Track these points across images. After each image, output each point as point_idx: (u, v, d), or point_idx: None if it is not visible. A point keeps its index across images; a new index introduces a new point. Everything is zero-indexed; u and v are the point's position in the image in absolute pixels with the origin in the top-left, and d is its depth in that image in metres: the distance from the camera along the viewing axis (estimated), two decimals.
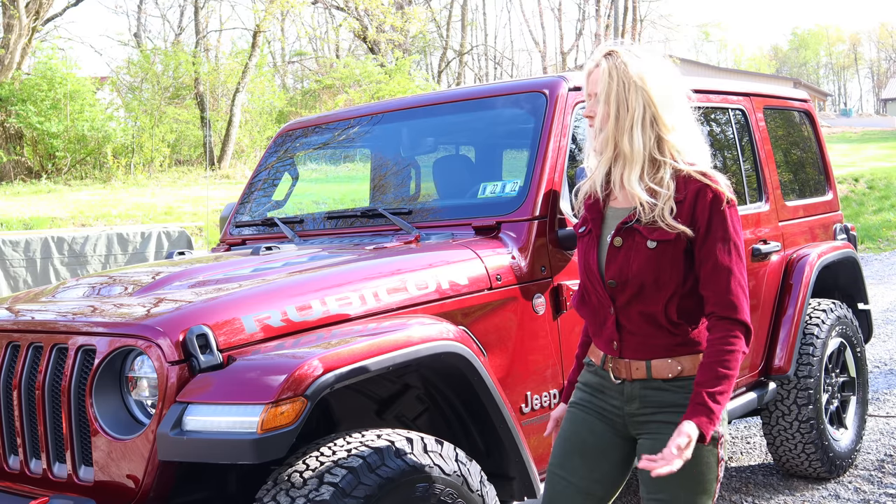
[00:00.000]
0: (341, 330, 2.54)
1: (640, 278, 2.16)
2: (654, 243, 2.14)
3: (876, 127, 41.11)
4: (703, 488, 2.17)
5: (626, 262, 2.18)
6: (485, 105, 3.66)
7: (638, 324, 2.20)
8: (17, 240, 8.75)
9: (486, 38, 45.86)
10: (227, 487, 2.67)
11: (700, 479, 2.16)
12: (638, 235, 2.17)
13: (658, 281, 2.15)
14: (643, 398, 2.21)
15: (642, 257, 2.16)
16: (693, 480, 2.15)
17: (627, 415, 2.24)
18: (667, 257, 2.14)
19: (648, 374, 2.19)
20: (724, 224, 2.14)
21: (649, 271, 2.15)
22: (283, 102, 27.01)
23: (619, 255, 2.20)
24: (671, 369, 2.18)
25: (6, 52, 19.70)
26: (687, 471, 2.09)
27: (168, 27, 39.31)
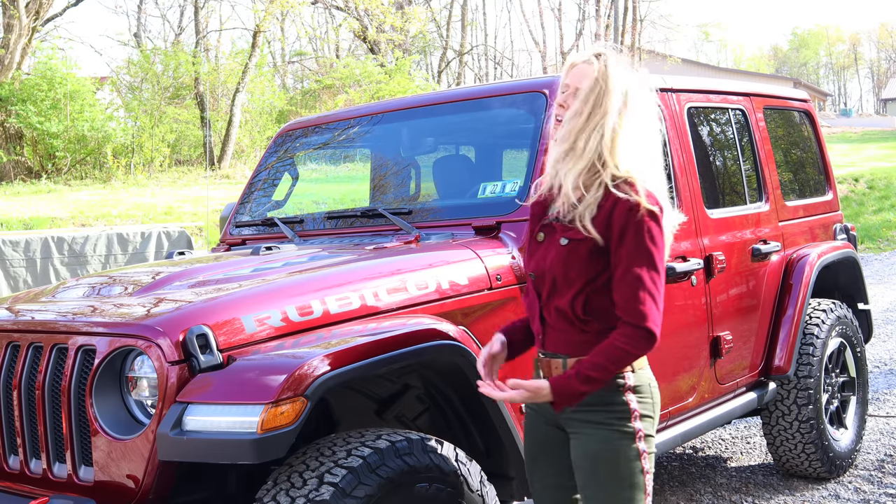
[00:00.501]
0: (341, 330, 2.54)
1: (552, 273, 2.26)
2: (565, 240, 2.25)
3: (876, 127, 41.10)
4: (628, 483, 2.25)
5: (543, 256, 2.30)
6: (485, 105, 3.66)
7: (555, 318, 2.30)
8: (17, 240, 8.75)
9: (486, 38, 45.87)
10: (227, 487, 2.67)
11: (619, 473, 2.25)
12: (556, 234, 2.28)
13: (567, 276, 2.24)
14: None
15: (554, 253, 2.27)
16: (615, 476, 2.25)
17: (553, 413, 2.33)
18: (576, 255, 2.23)
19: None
20: (639, 233, 2.18)
21: (559, 266, 2.25)
22: (283, 102, 27.00)
23: (540, 249, 2.32)
24: None
25: (6, 52, 19.70)
26: (607, 467, 2.24)
27: (168, 27, 39.31)
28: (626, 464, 2.25)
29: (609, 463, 2.25)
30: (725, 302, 3.97)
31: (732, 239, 4.07)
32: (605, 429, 2.26)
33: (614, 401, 2.26)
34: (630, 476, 2.26)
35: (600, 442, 2.26)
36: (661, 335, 3.61)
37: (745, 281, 4.14)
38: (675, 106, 3.93)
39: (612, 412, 2.26)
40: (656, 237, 2.20)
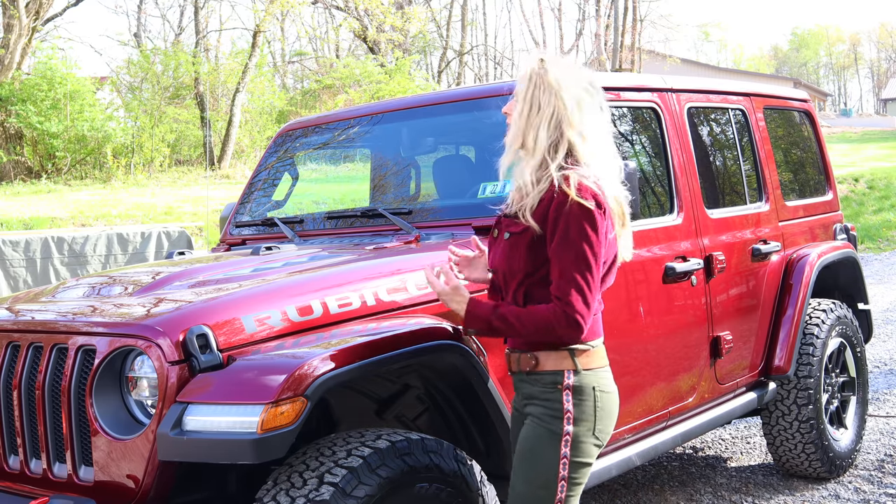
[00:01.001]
0: (341, 330, 2.54)
1: (500, 267, 2.39)
2: (507, 234, 2.38)
3: (876, 127, 41.09)
4: (540, 482, 2.30)
5: (494, 252, 2.44)
6: (485, 105, 3.66)
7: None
8: (17, 240, 8.75)
9: (486, 38, 45.86)
10: (227, 487, 2.67)
11: (534, 470, 2.31)
12: (502, 228, 2.42)
13: (510, 269, 2.36)
14: (520, 389, 2.45)
15: (501, 247, 2.40)
16: (530, 471, 2.32)
17: (517, 406, 2.48)
18: (516, 248, 2.34)
19: (518, 367, 2.41)
20: (568, 227, 2.24)
21: (504, 260, 2.37)
22: (283, 102, 26.98)
23: (494, 246, 2.46)
24: (528, 363, 2.37)
25: (6, 52, 19.69)
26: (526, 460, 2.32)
27: (168, 27, 39.28)
28: (542, 463, 2.30)
29: (528, 457, 2.32)
30: (725, 302, 3.97)
31: (732, 239, 4.07)
32: (536, 423, 2.33)
33: (549, 398, 2.33)
34: (543, 476, 2.30)
35: (527, 435, 2.34)
36: (661, 335, 3.62)
37: (745, 281, 4.14)
38: (675, 106, 3.93)
39: (546, 408, 2.33)
40: (588, 231, 2.24)
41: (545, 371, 2.34)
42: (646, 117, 3.86)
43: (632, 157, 3.82)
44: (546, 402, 2.32)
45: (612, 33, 32.27)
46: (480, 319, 2.35)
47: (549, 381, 2.33)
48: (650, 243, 3.56)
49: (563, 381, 2.32)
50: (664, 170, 3.81)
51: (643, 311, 3.45)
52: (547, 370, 2.34)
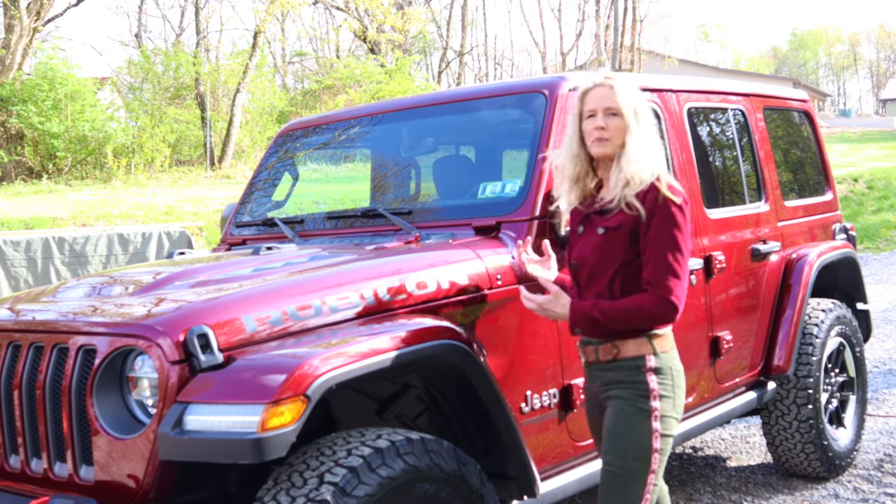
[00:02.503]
0: (341, 330, 2.54)
1: (591, 260, 2.61)
2: (602, 230, 2.61)
3: (875, 127, 41.09)
4: (637, 455, 2.54)
5: (583, 246, 2.66)
6: (485, 105, 3.66)
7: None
8: (17, 240, 8.75)
9: (486, 39, 45.86)
10: (227, 487, 2.67)
11: (629, 444, 2.55)
12: (593, 225, 2.64)
13: (603, 261, 2.59)
14: (600, 378, 2.66)
15: (594, 241, 2.62)
16: (626, 447, 2.55)
17: (596, 391, 2.69)
18: (612, 242, 2.58)
19: (597, 357, 2.64)
20: (663, 219, 2.53)
21: (596, 253, 2.60)
22: (284, 102, 26.99)
23: (580, 241, 2.68)
24: (609, 353, 2.61)
25: (7, 52, 19.69)
26: (620, 438, 2.55)
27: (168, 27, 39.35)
28: (637, 438, 2.54)
29: (622, 434, 2.56)
30: (725, 302, 3.97)
31: (732, 239, 4.08)
32: (625, 403, 2.57)
33: (636, 380, 2.57)
34: (639, 450, 2.54)
35: (619, 414, 2.57)
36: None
37: (744, 281, 4.14)
38: (674, 106, 3.93)
39: (634, 389, 2.57)
40: (680, 223, 2.54)
41: (627, 357, 2.59)
42: None
43: None
44: (632, 384, 2.57)
45: (611, 33, 32.26)
46: (585, 318, 2.57)
47: (631, 365, 2.58)
48: None
49: (645, 364, 2.58)
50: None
51: None
52: (629, 356, 2.59)
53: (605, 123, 2.61)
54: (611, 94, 2.62)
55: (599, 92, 2.64)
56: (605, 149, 2.61)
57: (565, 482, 3.10)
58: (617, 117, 2.60)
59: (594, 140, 2.62)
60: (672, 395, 2.59)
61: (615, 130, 2.60)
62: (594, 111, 2.63)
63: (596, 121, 2.62)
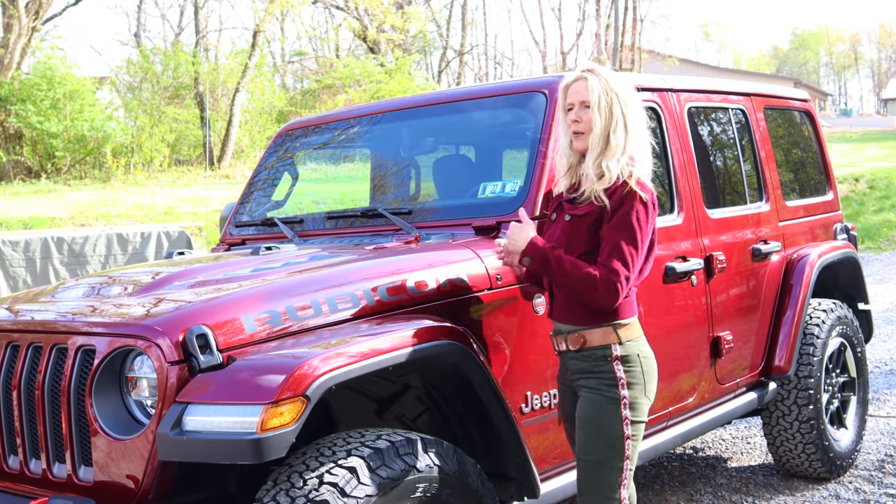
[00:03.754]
0: (341, 330, 2.54)
1: (559, 246, 2.64)
2: (569, 216, 2.68)
3: (876, 127, 41.08)
4: (610, 443, 2.59)
5: (552, 232, 2.74)
6: (485, 105, 3.65)
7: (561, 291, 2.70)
8: (16, 240, 8.74)
9: (486, 38, 45.85)
10: (227, 487, 2.67)
11: (602, 434, 2.60)
12: (563, 211, 2.72)
13: (569, 248, 2.63)
14: (570, 367, 2.72)
15: (561, 228, 2.70)
16: (598, 436, 2.61)
17: (569, 380, 2.75)
18: (577, 229, 2.64)
19: (566, 346, 2.69)
20: (627, 212, 2.58)
21: (564, 239, 2.67)
22: (283, 102, 26.98)
23: (551, 227, 2.77)
24: (577, 342, 2.66)
25: (6, 51, 19.70)
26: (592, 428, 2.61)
27: (168, 27, 39.36)
28: (608, 426, 2.60)
29: (594, 424, 2.62)
30: (726, 302, 3.96)
31: (733, 239, 4.07)
32: (595, 393, 2.63)
33: (603, 369, 2.63)
34: (611, 438, 2.60)
35: (589, 405, 2.63)
36: (662, 335, 3.62)
37: (745, 281, 4.14)
38: (675, 106, 3.93)
39: (602, 379, 2.63)
40: (641, 218, 2.59)
41: (593, 347, 2.64)
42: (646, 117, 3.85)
43: None
44: (600, 373, 2.63)
45: (612, 33, 32.27)
46: (540, 251, 2.60)
47: (599, 355, 2.63)
48: None
49: (611, 353, 2.63)
50: (664, 170, 3.81)
51: (643, 310, 3.44)
52: (595, 346, 2.63)
53: (579, 116, 2.66)
54: (584, 86, 2.66)
55: (577, 85, 2.68)
56: (580, 143, 2.68)
57: (565, 483, 3.09)
58: (590, 110, 2.64)
59: (572, 134, 2.69)
60: (641, 382, 2.64)
61: (588, 123, 2.65)
62: (572, 104, 2.69)
63: (571, 114, 2.68)
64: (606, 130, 2.62)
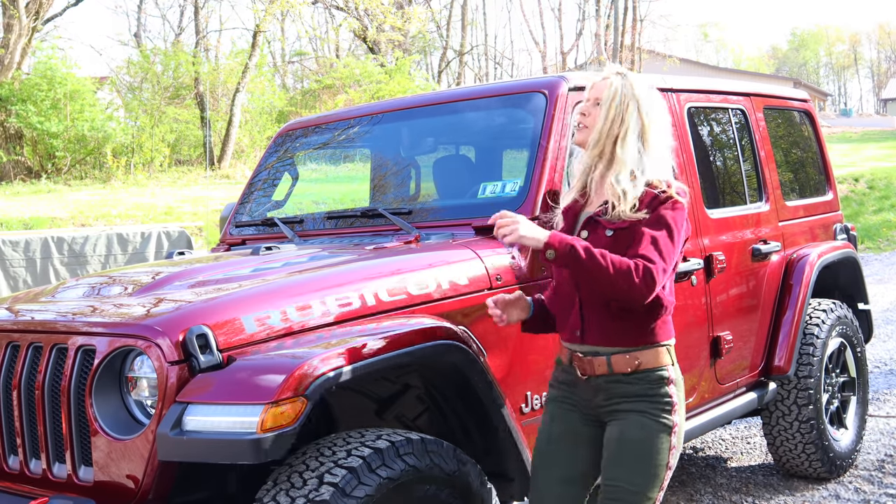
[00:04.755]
0: (341, 330, 2.54)
1: None
2: (611, 231, 2.44)
3: (876, 127, 41.07)
4: (653, 472, 2.40)
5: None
6: (485, 105, 3.65)
7: (597, 310, 2.46)
8: (16, 240, 8.74)
9: (486, 38, 45.82)
10: (227, 487, 2.67)
11: (651, 461, 2.40)
12: (600, 227, 2.47)
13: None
14: (608, 390, 2.47)
15: (601, 245, 2.42)
16: (642, 463, 2.40)
17: (596, 405, 2.50)
18: (621, 244, 2.41)
19: (609, 370, 2.45)
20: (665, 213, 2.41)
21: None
22: (283, 102, 26.97)
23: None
24: (629, 364, 2.44)
25: (6, 51, 19.69)
26: (637, 453, 2.39)
27: (168, 27, 39.36)
28: (655, 455, 2.40)
29: (641, 450, 2.40)
30: (725, 302, 3.96)
31: (732, 239, 4.07)
32: (648, 418, 2.41)
33: (659, 392, 2.43)
34: (655, 467, 2.40)
35: (640, 429, 2.41)
36: None
37: (745, 281, 4.14)
38: (675, 106, 3.93)
39: (657, 403, 2.42)
40: (679, 219, 2.43)
41: (650, 368, 2.44)
42: None
43: None
44: (655, 397, 2.43)
45: (612, 33, 32.26)
46: (567, 242, 2.34)
47: (655, 377, 2.44)
48: None
49: (668, 375, 2.45)
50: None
51: None
52: (652, 367, 2.44)
53: (588, 110, 2.53)
54: (605, 84, 2.52)
55: (600, 83, 2.55)
56: (580, 135, 2.54)
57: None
58: (598, 106, 2.52)
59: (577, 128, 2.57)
60: (683, 408, 2.49)
61: (592, 119, 2.51)
62: (589, 100, 2.56)
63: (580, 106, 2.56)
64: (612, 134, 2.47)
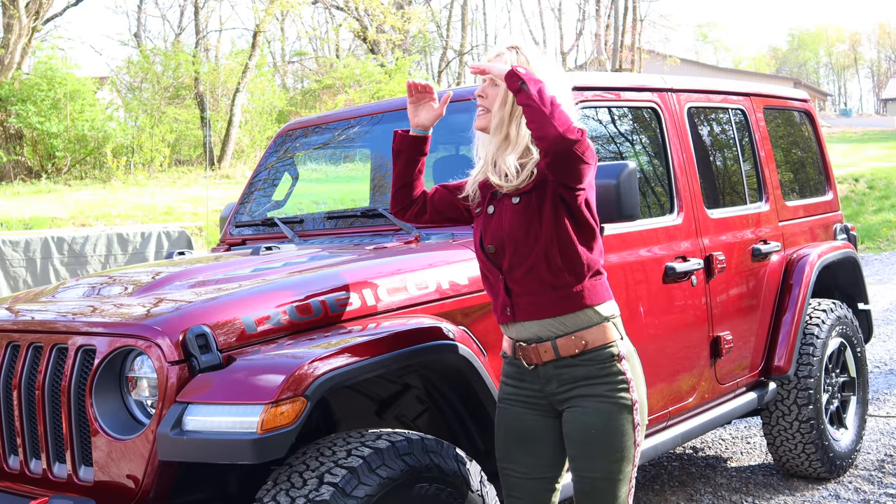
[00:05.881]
0: (341, 330, 2.54)
1: (513, 236, 2.34)
2: (517, 198, 2.35)
3: (876, 127, 41.10)
4: (622, 455, 2.33)
5: (499, 225, 2.38)
6: None
7: (524, 284, 2.36)
8: (17, 240, 8.74)
9: (486, 38, 45.82)
10: (227, 487, 2.67)
11: (617, 445, 2.32)
12: (505, 199, 2.38)
13: (528, 234, 2.32)
14: (558, 377, 2.38)
15: (509, 215, 2.35)
16: (611, 448, 2.32)
17: (549, 394, 2.41)
18: (532, 208, 2.32)
19: (556, 355, 2.36)
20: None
21: (519, 227, 2.33)
22: (283, 102, 26.97)
23: (493, 220, 2.40)
24: (576, 345, 2.34)
25: (6, 51, 19.69)
26: (604, 440, 2.31)
27: (168, 27, 39.38)
28: (621, 438, 2.33)
29: (606, 437, 2.32)
30: (725, 302, 3.96)
31: (732, 239, 4.07)
32: (605, 401, 2.32)
33: (611, 371, 2.34)
34: (623, 450, 2.34)
35: (600, 415, 2.32)
36: (661, 335, 3.62)
37: (745, 281, 4.14)
38: (675, 106, 3.93)
39: (612, 383, 2.33)
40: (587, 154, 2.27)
41: (598, 346, 2.35)
42: (646, 117, 3.85)
43: (632, 157, 3.82)
44: (608, 376, 2.33)
45: (612, 33, 32.27)
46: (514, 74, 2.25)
47: (605, 355, 2.34)
48: (650, 243, 3.56)
49: (618, 351, 2.35)
50: (664, 170, 3.81)
51: (643, 311, 3.45)
52: (600, 345, 2.35)
53: (485, 91, 2.40)
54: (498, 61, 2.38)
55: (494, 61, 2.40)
56: (480, 120, 2.42)
57: (564, 482, 3.09)
58: (496, 87, 2.38)
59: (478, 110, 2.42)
60: (640, 380, 2.39)
61: (492, 100, 2.38)
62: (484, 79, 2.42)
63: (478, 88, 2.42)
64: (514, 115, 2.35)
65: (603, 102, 3.58)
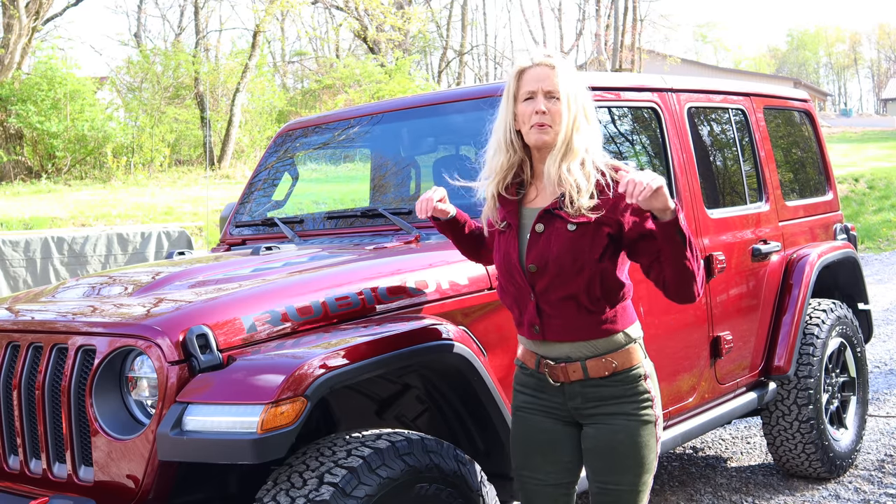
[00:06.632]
0: (341, 330, 2.54)
1: (559, 261, 2.31)
2: (573, 226, 2.31)
3: (876, 127, 41.09)
4: (646, 468, 2.40)
5: (546, 246, 2.34)
6: (485, 104, 3.65)
7: (558, 307, 2.35)
8: (17, 240, 8.74)
9: (486, 38, 45.84)
10: (227, 487, 2.67)
11: (643, 459, 2.39)
12: (559, 221, 2.34)
13: (576, 261, 2.30)
14: (584, 395, 2.40)
15: (561, 241, 2.32)
16: (637, 464, 2.38)
17: (572, 409, 2.43)
18: (586, 239, 2.30)
19: (585, 375, 2.38)
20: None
21: (567, 253, 2.30)
22: (283, 102, 26.98)
23: (540, 240, 2.36)
24: (606, 368, 2.37)
25: (6, 51, 19.70)
26: (630, 456, 2.37)
27: (168, 27, 39.38)
28: (647, 451, 2.39)
29: (633, 452, 2.37)
30: (725, 302, 3.96)
31: (733, 239, 4.07)
32: (632, 419, 2.38)
33: (637, 390, 2.39)
34: (649, 462, 2.40)
35: (628, 433, 2.37)
36: (661, 335, 3.62)
37: (745, 281, 4.14)
38: (675, 106, 3.93)
39: (638, 402, 2.38)
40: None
41: (627, 368, 2.38)
42: (646, 117, 3.85)
43: (632, 157, 3.82)
44: (635, 395, 2.39)
45: (612, 33, 32.26)
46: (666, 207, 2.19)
47: (632, 376, 2.39)
48: None
49: (644, 372, 2.41)
50: (664, 170, 3.81)
51: (643, 311, 3.45)
52: (628, 367, 2.38)
53: (547, 107, 2.34)
54: (552, 74, 2.35)
55: (539, 72, 2.36)
56: (545, 136, 2.34)
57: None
58: (557, 101, 2.34)
59: (533, 126, 2.35)
60: (659, 397, 2.47)
61: (556, 116, 2.33)
62: (533, 93, 2.36)
63: (535, 104, 2.35)
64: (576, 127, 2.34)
65: (603, 102, 3.58)
